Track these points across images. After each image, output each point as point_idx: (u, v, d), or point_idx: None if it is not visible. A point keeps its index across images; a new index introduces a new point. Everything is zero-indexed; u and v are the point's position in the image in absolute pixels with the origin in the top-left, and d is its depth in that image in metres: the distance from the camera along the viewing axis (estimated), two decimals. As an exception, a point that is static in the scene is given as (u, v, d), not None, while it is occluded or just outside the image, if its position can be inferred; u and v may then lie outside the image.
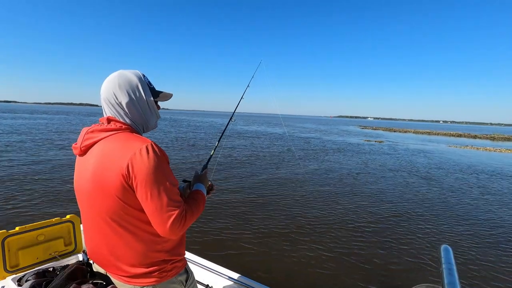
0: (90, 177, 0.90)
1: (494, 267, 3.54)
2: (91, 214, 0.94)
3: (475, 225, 4.95)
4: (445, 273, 0.63)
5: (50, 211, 4.70)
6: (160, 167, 0.87)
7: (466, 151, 18.23)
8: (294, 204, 5.64)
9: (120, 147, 0.87)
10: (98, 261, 1.01)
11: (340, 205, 5.68)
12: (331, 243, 3.98)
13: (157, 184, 0.85)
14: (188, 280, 1.07)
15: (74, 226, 1.60)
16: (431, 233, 4.50)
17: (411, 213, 5.38)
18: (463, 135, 38.96)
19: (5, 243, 1.37)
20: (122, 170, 0.84)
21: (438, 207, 5.88)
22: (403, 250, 3.88)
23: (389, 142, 22.07)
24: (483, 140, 31.64)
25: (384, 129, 48.29)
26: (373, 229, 4.54)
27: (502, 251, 4.00)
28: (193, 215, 0.95)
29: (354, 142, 20.57)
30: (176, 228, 0.87)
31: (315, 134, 28.39)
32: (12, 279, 1.30)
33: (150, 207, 0.86)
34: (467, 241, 4.29)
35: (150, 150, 0.86)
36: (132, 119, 0.99)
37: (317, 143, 18.57)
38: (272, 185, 7.01)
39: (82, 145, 0.95)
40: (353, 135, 29.13)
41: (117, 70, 1.01)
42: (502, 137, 37.60)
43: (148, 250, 0.93)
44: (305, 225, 4.57)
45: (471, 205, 6.17)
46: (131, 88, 0.97)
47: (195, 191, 1.10)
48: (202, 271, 1.79)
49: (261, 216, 4.88)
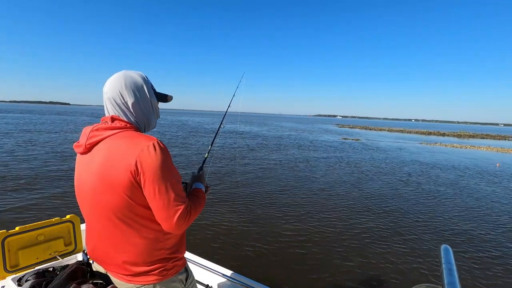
0: (96, 175, 0.91)
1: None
2: (94, 211, 0.95)
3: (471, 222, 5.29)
4: (445, 273, 0.63)
5: (50, 211, 4.62)
6: (167, 164, 0.90)
7: (442, 148, 19.42)
8: (294, 204, 5.66)
9: (127, 144, 0.88)
10: (99, 260, 1.01)
11: (339, 205, 5.73)
12: (331, 243, 4.01)
13: (164, 180, 0.88)
14: (188, 279, 1.08)
15: (74, 226, 1.60)
16: (431, 233, 4.55)
17: (411, 213, 5.46)
18: (433, 133, 41.29)
19: (5, 243, 1.36)
20: (130, 167, 0.85)
21: (438, 207, 5.96)
22: (403, 250, 3.90)
23: (365, 140, 22.98)
24: (451, 138, 33.86)
25: (361, 128, 50.02)
26: (372, 229, 4.55)
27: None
28: (196, 211, 1.00)
29: (332, 140, 21.23)
30: (181, 222, 0.90)
31: (295, 133, 28.96)
32: (12, 279, 1.29)
33: (158, 202, 0.87)
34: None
35: (157, 147, 0.88)
36: (135, 119, 1.00)
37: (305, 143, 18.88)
38: (272, 185, 7.04)
39: (87, 143, 0.94)
40: (332, 134, 30.01)
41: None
42: (468, 134, 40.46)
43: (150, 247, 0.94)
44: (305, 225, 4.60)
45: (472, 205, 6.35)
46: (136, 88, 0.99)
47: (196, 189, 1.14)
48: (202, 271, 1.78)
49: (261, 216, 4.89)
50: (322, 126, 49.71)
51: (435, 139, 28.99)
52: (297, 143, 18.14)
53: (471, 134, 41.72)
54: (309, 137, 23.21)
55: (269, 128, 34.78)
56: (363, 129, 46.47)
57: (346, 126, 53.56)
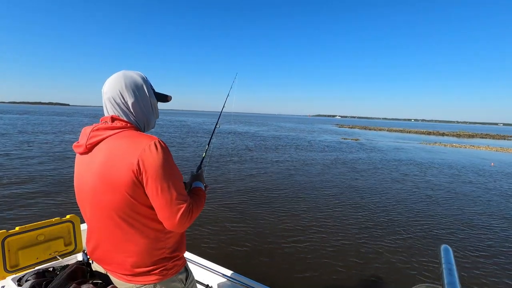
0: (97, 174, 0.90)
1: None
2: (95, 211, 0.94)
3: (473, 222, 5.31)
4: (445, 273, 0.63)
5: (50, 211, 4.63)
6: (169, 162, 0.90)
7: (441, 148, 19.44)
8: (294, 204, 5.66)
9: (129, 144, 0.89)
10: (100, 259, 1.01)
11: (338, 205, 5.73)
12: (331, 243, 4.02)
13: (166, 178, 0.88)
14: (188, 278, 1.08)
15: (74, 226, 1.60)
16: (431, 233, 4.56)
17: (411, 213, 5.46)
18: (433, 132, 41.35)
19: (5, 243, 1.36)
20: (132, 166, 0.85)
21: (437, 207, 5.97)
22: (403, 250, 3.90)
23: (364, 140, 22.98)
24: (450, 137, 33.90)
25: (360, 128, 50.05)
26: (371, 229, 4.56)
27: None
28: (197, 209, 1.01)
29: (331, 140, 21.24)
30: (184, 221, 0.90)
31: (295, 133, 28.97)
32: (12, 279, 1.29)
33: (161, 200, 0.88)
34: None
35: (159, 146, 0.88)
36: (135, 118, 1.00)
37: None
38: (271, 184, 7.05)
39: (88, 143, 0.94)
40: (331, 134, 30.02)
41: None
42: (467, 134, 40.52)
43: (151, 247, 0.94)
44: (305, 225, 4.61)
45: (466, 204, 6.39)
46: (136, 88, 0.99)
47: (196, 188, 1.15)
48: (202, 271, 1.78)
49: (260, 216, 4.89)
50: (321, 126, 49.72)
51: (434, 139, 29.02)
52: (294, 143, 18.14)
53: (471, 133, 41.79)
54: (307, 137, 23.21)
55: (268, 128, 34.79)
56: (362, 129, 46.47)
57: (346, 126, 53.55)
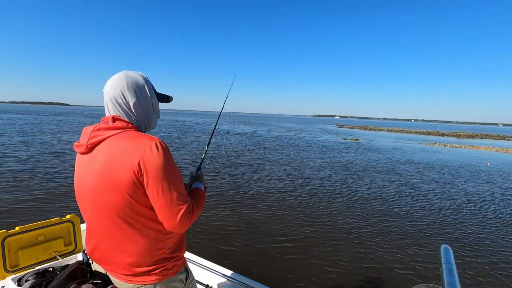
0: (97, 175, 0.90)
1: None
2: (95, 211, 0.94)
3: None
4: (445, 273, 0.63)
5: (50, 211, 4.63)
6: (170, 163, 0.90)
7: (441, 148, 19.46)
8: (294, 204, 5.65)
9: (130, 144, 0.89)
10: (100, 260, 1.01)
11: (337, 206, 5.72)
12: (330, 243, 4.01)
13: (167, 179, 0.88)
14: (188, 278, 1.08)
15: (74, 226, 1.60)
16: (431, 232, 4.58)
17: (407, 213, 5.46)
18: (432, 133, 41.37)
19: (5, 243, 1.36)
20: (133, 166, 0.85)
21: (433, 207, 5.95)
22: (403, 250, 3.91)
23: (363, 141, 23.00)
24: (450, 138, 33.94)
25: (360, 128, 50.07)
26: (371, 229, 4.56)
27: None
28: (198, 210, 1.01)
29: (330, 140, 21.25)
30: (184, 221, 0.90)
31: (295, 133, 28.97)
32: (12, 279, 1.29)
33: (161, 201, 0.88)
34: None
35: (160, 147, 0.89)
36: (136, 118, 1.01)
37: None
38: (271, 184, 7.05)
39: (89, 142, 0.94)
40: (331, 134, 30.03)
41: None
42: (467, 134, 40.57)
43: (151, 247, 0.94)
44: (305, 225, 4.61)
45: (462, 203, 6.45)
46: (138, 88, 0.99)
47: (196, 189, 1.15)
48: (202, 271, 1.78)
49: (260, 215, 4.89)
50: (321, 126, 49.74)
51: (434, 139, 29.05)
52: (293, 143, 18.14)
53: (471, 134, 41.84)
54: (306, 138, 23.19)
55: (267, 129, 34.75)
56: (362, 129, 46.47)
57: (346, 126, 53.57)
